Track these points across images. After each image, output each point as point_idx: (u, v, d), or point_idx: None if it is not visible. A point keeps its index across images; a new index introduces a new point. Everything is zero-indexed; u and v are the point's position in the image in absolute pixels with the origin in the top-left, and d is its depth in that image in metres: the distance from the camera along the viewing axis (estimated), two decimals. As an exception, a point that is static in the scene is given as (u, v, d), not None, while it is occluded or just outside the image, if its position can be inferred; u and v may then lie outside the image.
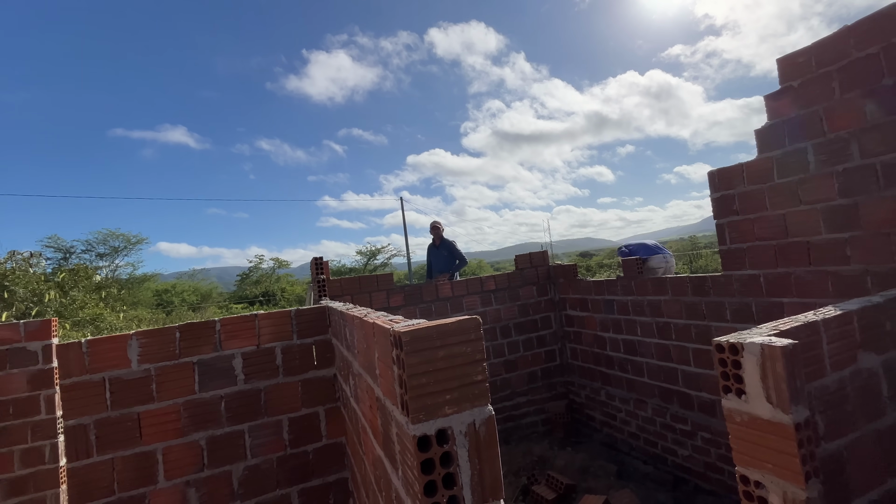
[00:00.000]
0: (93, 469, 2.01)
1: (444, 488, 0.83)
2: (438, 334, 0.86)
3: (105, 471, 2.03)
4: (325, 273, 3.93)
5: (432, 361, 0.84)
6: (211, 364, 2.23)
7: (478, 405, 0.87)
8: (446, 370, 0.85)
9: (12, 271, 6.26)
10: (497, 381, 4.55)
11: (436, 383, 0.84)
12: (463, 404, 0.86)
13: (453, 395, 0.85)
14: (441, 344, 0.86)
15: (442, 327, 0.87)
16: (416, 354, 0.83)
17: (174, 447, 2.14)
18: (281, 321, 2.39)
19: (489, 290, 4.65)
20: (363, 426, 1.62)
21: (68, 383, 2.02)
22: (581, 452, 3.88)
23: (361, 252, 28.32)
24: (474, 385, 0.88)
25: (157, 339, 2.16)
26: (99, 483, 2.02)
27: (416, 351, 0.84)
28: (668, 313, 3.51)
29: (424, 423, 0.83)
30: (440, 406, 0.84)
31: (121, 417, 2.07)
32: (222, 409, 2.22)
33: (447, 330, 0.87)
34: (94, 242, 21.04)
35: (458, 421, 0.85)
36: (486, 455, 0.86)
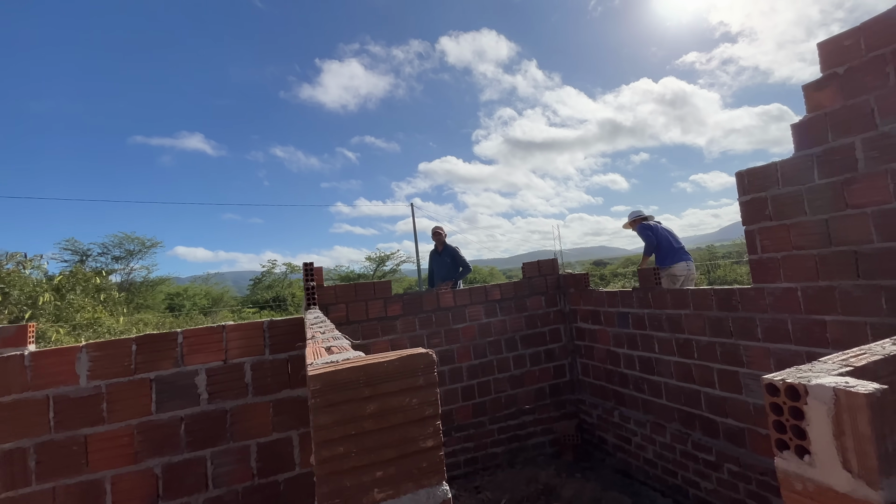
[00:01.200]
0: (30, 500, 1.78)
1: None
2: (368, 378, 0.58)
3: (44, 501, 1.79)
4: (317, 279, 3.69)
5: (356, 420, 0.57)
6: (171, 381, 1.98)
7: (427, 485, 0.60)
8: (378, 433, 0.58)
9: (8, 273, 6.23)
10: (501, 398, 4.23)
11: (362, 453, 0.57)
12: (403, 485, 0.58)
13: (388, 470, 0.57)
14: (371, 393, 0.58)
15: (373, 368, 0.59)
16: (329, 410, 0.56)
17: (125, 475, 1.89)
18: (252, 333, 2.14)
19: (494, 299, 4.35)
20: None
21: (8, 401, 1.80)
22: (592, 481, 3.53)
23: (371, 258, 28.24)
24: (422, 455, 0.60)
25: (111, 352, 1.93)
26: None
27: (331, 405, 0.56)
28: (690, 329, 3.17)
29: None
30: (366, 488, 0.56)
31: (65, 441, 1.84)
32: (182, 432, 1.98)
33: (382, 371, 0.59)
34: (110, 245, 21.34)
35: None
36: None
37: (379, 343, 3.88)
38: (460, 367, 4.12)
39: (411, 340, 3.99)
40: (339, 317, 3.80)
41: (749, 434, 2.81)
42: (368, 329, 3.88)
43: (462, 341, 4.17)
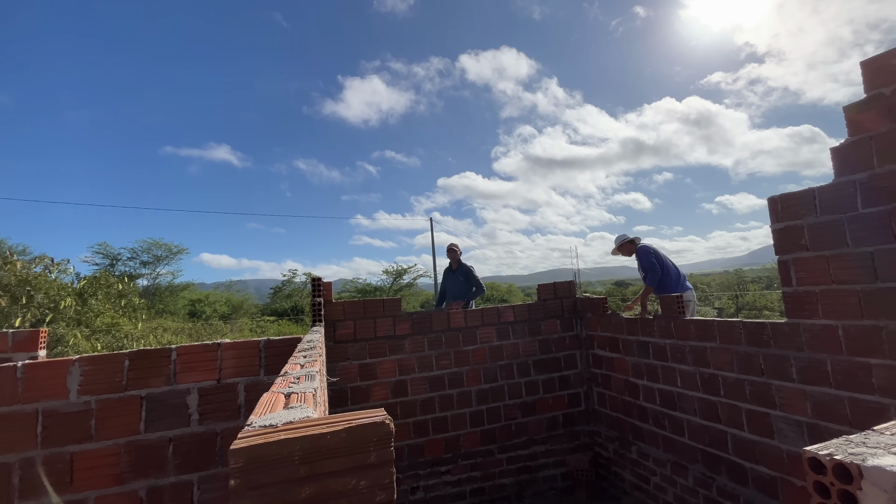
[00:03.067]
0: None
1: None
2: (305, 454, 0.48)
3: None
4: (326, 294, 3.62)
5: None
6: (161, 399, 1.92)
7: (373, 590, 0.48)
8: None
9: (38, 276, 6.45)
10: (512, 426, 4.04)
11: (291, 549, 0.46)
12: (341, 590, 0.46)
13: (323, 572, 0.46)
14: (307, 473, 0.47)
15: (313, 441, 0.48)
16: (251, 494, 0.46)
17: (109, 497, 1.82)
18: (247, 353, 2.06)
19: (507, 321, 4.19)
20: None
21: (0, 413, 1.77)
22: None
23: (388, 271, 28.30)
24: (369, 551, 0.48)
25: (103, 366, 1.88)
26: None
27: (254, 487, 0.46)
28: (716, 364, 2.94)
29: None
30: None
31: (51, 457, 1.79)
32: (170, 453, 1.90)
33: (324, 446, 0.48)
34: (139, 250, 22.08)
35: None
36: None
37: (385, 363, 3.77)
38: (469, 391, 3.96)
39: (419, 361, 3.86)
40: (346, 334, 3.72)
41: (783, 484, 2.55)
42: (375, 347, 3.78)
43: (472, 364, 4.02)
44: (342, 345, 3.69)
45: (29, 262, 6.75)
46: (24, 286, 6.28)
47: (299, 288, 28.94)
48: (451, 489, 3.74)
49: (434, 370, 3.89)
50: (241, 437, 0.49)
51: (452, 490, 3.75)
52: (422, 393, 3.83)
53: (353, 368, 3.69)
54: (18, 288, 6.44)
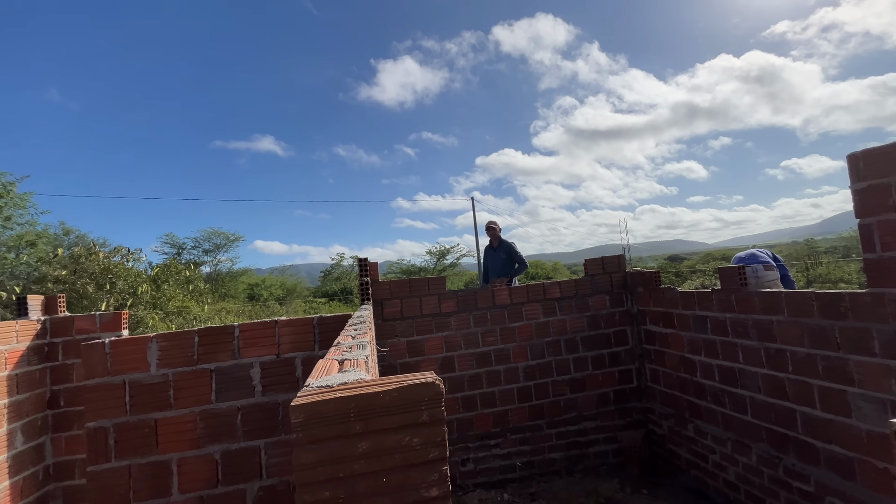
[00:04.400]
0: (111, 474, 1.95)
1: None
2: (360, 411, 0.49)
3: (122, 477, 1.96)
4: (372, 274, 3.72)
5: (345, 461, 0.48)
6: (228, 372, 2.08)
7: (430, 542, 0.49)
8: (371, 477, 0.49)
9: (115, 265, 7.15)
10: (560, 402, 4.02)
11: (351, 500, 0.48)
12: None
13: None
14: (363, 430, 0.49)
15: (366, 399, 0.50)
16: (313, 448, 0.48)
17: (189, 459, 2.01)
18: (302, 329, 2.17)
19: (553, 297, 4.13)
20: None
21: (92, 384, 1.99)
22: (661, 498, 3.22)
23: (431, 252, 28.61)
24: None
25: (176, 342, 2.05)
26: (117, 490, 1.95)
27: (315, 441, 0.48)
28: (784, 338, 2.74)
29: (325, 571, 0.47)
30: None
31: (138, 423, 1.99)
32: (238, 421, 2.06)
33: (378, 404, 0.50)
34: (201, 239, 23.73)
35: (390, 571, 0.47)
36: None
37: (432, 339, 3.84)
38: (516, 367, 3.97)
39: (465, 338, 3.91)
40: (393, 312, 3.82)
41: (860, 465, 2.37)
42: (422, 325, 3.85)
43: (518, 340, 4.01)
44: (390, 322, 3.80)
45: (109, 253, 7.51)
46: (107, 274, 7.02)
47: (347, 271, 30.00)
48: (500, 462, 3.80)
49: (480, 347, 3.92)
50: (300, 396, 0.51)
51: (502, 462, 3.81)
52: (469, 369, 3.89)
53: (400, 345, 3.80)
54: (102, 276, 7.21)
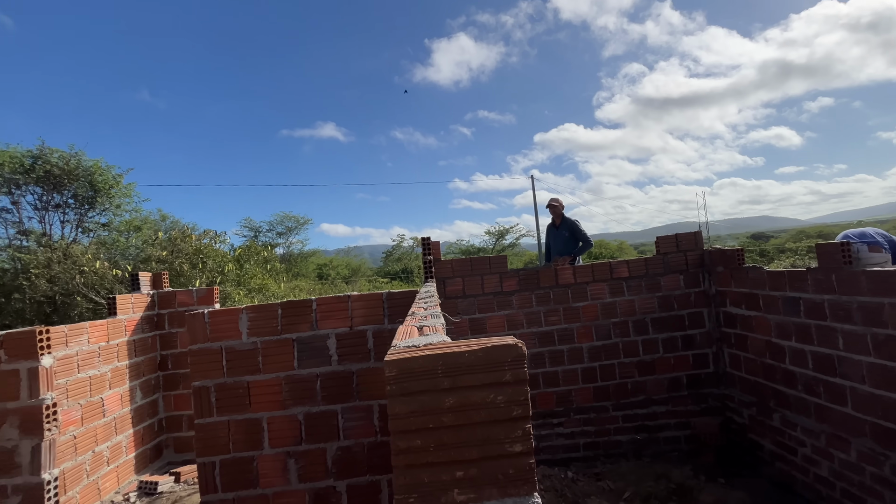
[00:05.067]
0: (212, 428, 2.23)
1: None
2: (447, 368, 0.52)
3: (222, 431, 2.23)
4: (435, 253, 3.80)
5: (434, 413, 0.51)
6: (308, 342, 2.25)
7: (514, 494, 0.52)
8: (458, 429, 0.52)
9: (206, 247, 7.98)
10: (628, 384, 3.89)
11: (440, 449, 0.51)
12: (486, 489, 0.51)
13: (469, 471, 0.51)
14: (450, 385, 0.52)
15: (453, 357, 0.52)
16: (405, 399, 0.51)
17: (277, 418, 2.23)
18: (372, 304, 2.29)
19: (621, 277, 3.95)
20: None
21: (196, 348, 2.26)
22: (739, 489, 3.04)
23: (490, 232, 28.45)
24: (509, 460, 0.52)
25: (263, 314, 2.26)
26: (218, 441, 2.23)
27: (407, 394, 0.52)
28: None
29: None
30: (446, 487, 0.51)
31: (234, 384, 2.24)
32: (318, 387, 2.24)
33: (463, 362, 0.52)
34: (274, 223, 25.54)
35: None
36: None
37: (494, 318, 3.87)
38: (580, 347, 3.89)
39: (527, 317, 3.89)
40: (455, 290, 3.88)
41: None
42: (484, 303, 3.89)
43: (583, 321, 3.91)
44: (452, 300, 3.87)
45: (200, 236, 8.40)
46: (199, 255, 7.88)
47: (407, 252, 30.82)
48: (563, 440, 3.79)
49: (542, 326, 3.88)
50: (391, 353, 0.55)
51: (565, 442, 3.79)
52: (531, 348, 3.87)
53: (462, 323, 3.86)
54: (195, 256, 8.10)
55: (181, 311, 4.23)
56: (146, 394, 4.08)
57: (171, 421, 4.30)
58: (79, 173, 10.17)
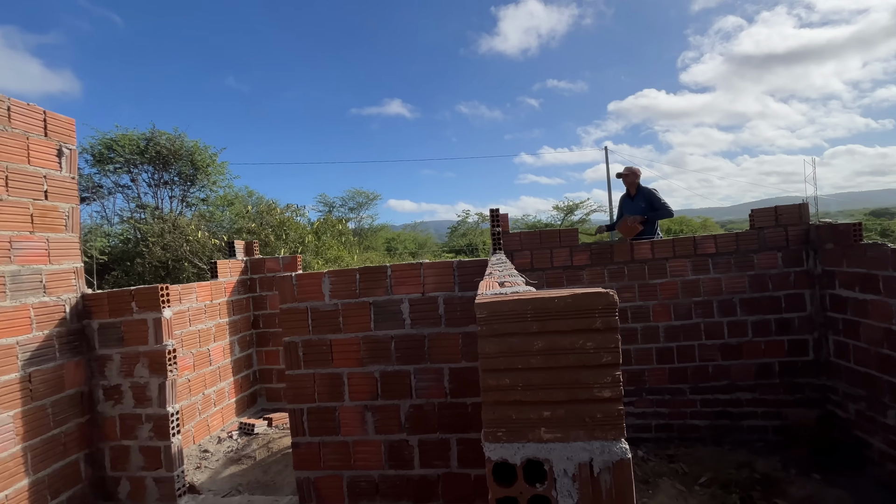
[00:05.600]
0: (301, 379, 2.47)
1: (532, 549, 0.53)
2: (536, 313, 0.53)
3: (308, 382, 2.46)
4: (503, 225, 3.77)
5: (523, 354, 0.53)
6: (383, 306, 2.39)
7: (601, 437, 0.52)
8: (547, 372, 0.53)
9: (288, 220, 8.67)
10: (709, 368, 3.64)
11: (528, 389, 0.53)
12: (573, 430, 0.52)
13: (557, 412, 0.52)
14: (539, 329, 0.53)
15: (542, 302, 0.53)
16: (495, 340, 0.54)
17: (355, 374, 2.42)
18: (443, 272, 2.35)
19: (706, 253, 3.65)
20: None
21: (285, 307, 2.49)
22: (838, 487, 2.76)
23: (558, 207, 27.42)
24: (597, 405, 0.52)
25: (343, 278, 2.42)
26: (305, 391, 2.47)
27: (496, 335, 0.54)
28: None
29: (505, 444, 0.54)
30: (533, 425, 0.53)
31: (318, 341, 2.45)
32: (392, 348, 2.38)
33: (552, 308, 0.53)
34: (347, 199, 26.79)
35: (563, 455, 0.52)
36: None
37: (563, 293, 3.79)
38: (656, 326, 3.69)
39: (599, 292, 3.75)
40: (523, 263, 3.84)
41: None
42: (553, 277, 3.81)
43: (660, 298, 3.69)
44: (521, 273, 3.85)
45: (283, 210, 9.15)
46: (282, 227, 8.62)
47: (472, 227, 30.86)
48: (634, 420, 3.67)
49: (615, 302, 3.73)
50: (480, 298, 0.57)
51: (636, 421, 3.68)
52: (602, 324, 3.75)
53: (531, 296, 3.83)
54: (279, 228, 8.87)
55: (269, 276, 4.66)
56: (243, 348, 4.60)
57: (263, 373, 4.82)
58: (182, 153, 11.46)
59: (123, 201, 12.71)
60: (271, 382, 4.79)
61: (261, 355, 4.79)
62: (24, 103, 2.58)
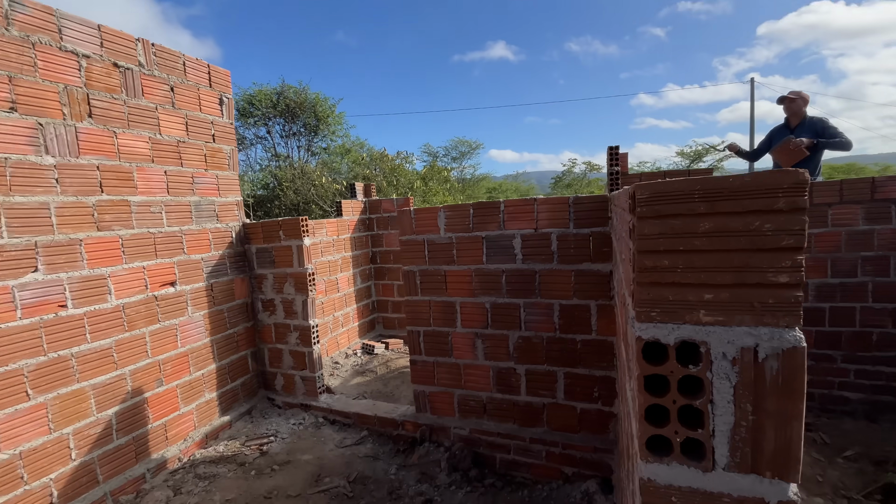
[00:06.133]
0: (418, 305, 2.70)
1: (679, 424, 0.55)
2: (705, 192, 0.51)
3: (425, 308, 2.69)
4: (622, 166, 3.49)
5: (686, 236, 0.52)
6: (495, 240, 2.44)
7: (771, 324, 0.50)
8: (712, 254, 0.51)
9: (399, 166, 9.13)
10: (872, 335, 3.08)
11: (689, 271, 0.52)
12: (737, 315, 0.51)
13: (720, 295, 0.51)
14: (707, 210, 0.51)
15: (714, 182, 0.51)
16: (655, 221, 0.53)
17: (467, 304, 2.56)
18: (558, 208, 2.30)
19: (887, 198, 2.97)
20: (619, 325, 1.39)
21: (404, 239, 2.70)
22: None
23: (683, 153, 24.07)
24: (770, 290, 0.49)
25: (457, 213, 2.52)
26: (422, 316, 2.70)
27: (657, 216, 0.53)
28: None
29: (658, 324, 0.55)
30: (691, 307, 0.52)
31: (434, 271, 2.63)
32: (503, 281, 2.46)
33: (725, 188, 0.50)
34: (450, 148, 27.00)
35: (723, 338, 0.51)
36: (774, 406, 0.50)
37: (688, 239, 3.45)
38: (804, 283, 3.18)
39: (732, 241, 3.33)
40: (642, 207, 3.56)
41: None
42: (676, 223, 3.47)
43: (813, 251, 3.15)
44: (638, 218, 3.58)
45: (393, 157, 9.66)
46: (393, 173, 9.15)
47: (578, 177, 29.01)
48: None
49: (752, 253, 3.29)
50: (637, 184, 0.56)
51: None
52: (732, 277, 3.36)
53: (648, 243, 3.57)
54: (390, 174, 9.44)
55: (385, 216, 5.03)
56: (363, 280, 5.14)
57: (380, 304, 5.37)
58: (307, 105, 12.57)
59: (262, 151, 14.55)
60: (387, 312, 5.32)
61: (378, 287, 5.32)
62: (193, 58, 3.03)
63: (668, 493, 0.54)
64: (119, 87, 2.52)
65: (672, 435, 0.55)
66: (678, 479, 0.54)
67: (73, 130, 2.30)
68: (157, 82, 2.75)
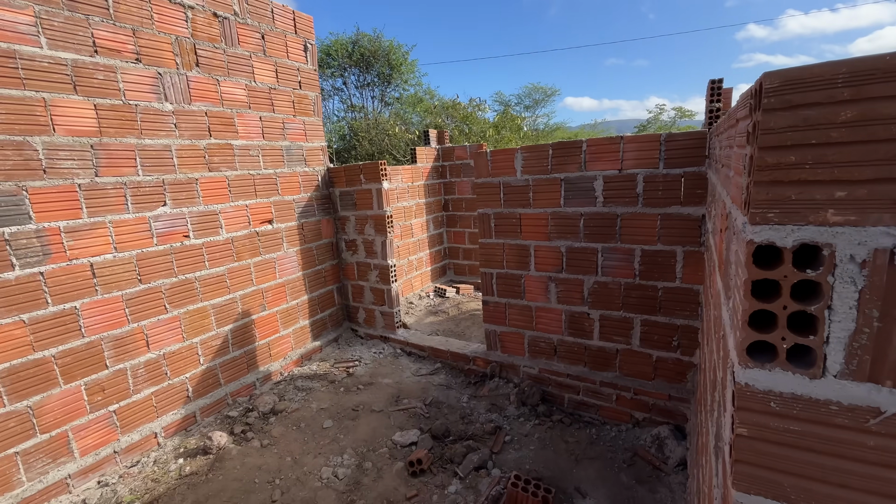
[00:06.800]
0: (492, 247, 2.74)
1: (788, 330, 0.53)
2: (852, 75, 0.46)
3: (498, 250, 2.72)
4: (724, 103, 3.10)
5: (821, 127, 0.48)
6: (574, 182, 2.36)
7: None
8: (851, 147, 0.47)
9: (471, 114, 8.91)
10: None
11: (819, 166, 0.48)
12: (874, 213, 0.47)
13: (855, 192, 0.47)
14: (851, 97, 0.46)
15: (866, 62, 0.45)
16: (783, 113, 0.49)
17: (542, 247, 2.55)
18: (648, 146, 2.14)
19: None
20: (713, 263, 1.31)
21: (480, 182, 2.70)
22: None
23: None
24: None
25: (535, 154, 2.45)
26: (495, 258, 2.74)
27: (788, 107, 0.49)
28: None
29: (776, 226, 0.52)
30: (818, 207, 0.49)
31: (509, 215, 2.63)
32: (581, 225, 2.39)
33: (880, 67, 0.45)
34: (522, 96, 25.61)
35: (853, 239, 0.48)
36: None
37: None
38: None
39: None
40: (745, 150, 3.18)
41: None
42: (786, 168, 3.07)
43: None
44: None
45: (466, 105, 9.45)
46: (465, 121, 8.98)
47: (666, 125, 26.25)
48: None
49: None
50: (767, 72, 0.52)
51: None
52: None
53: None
54: (462, 122, 9.29)
55: (458, 163, 5.03)
56: (436, 227, 5.27)
57: (451, 250, 5.50)
58: (380, 54, 12.54)
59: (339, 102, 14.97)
60: (458, 259, 5.46)
61: (449, 234, 5.43)
62: (280, 4, 3.13)
63: (766, 399, 0.54)
64: (219, 36, 2.71)
65: (778, 341, 0.54)
66: (780, 384, 0.53)
67: (185, 79, 2.55)
68: (250, 30, 2.90)
